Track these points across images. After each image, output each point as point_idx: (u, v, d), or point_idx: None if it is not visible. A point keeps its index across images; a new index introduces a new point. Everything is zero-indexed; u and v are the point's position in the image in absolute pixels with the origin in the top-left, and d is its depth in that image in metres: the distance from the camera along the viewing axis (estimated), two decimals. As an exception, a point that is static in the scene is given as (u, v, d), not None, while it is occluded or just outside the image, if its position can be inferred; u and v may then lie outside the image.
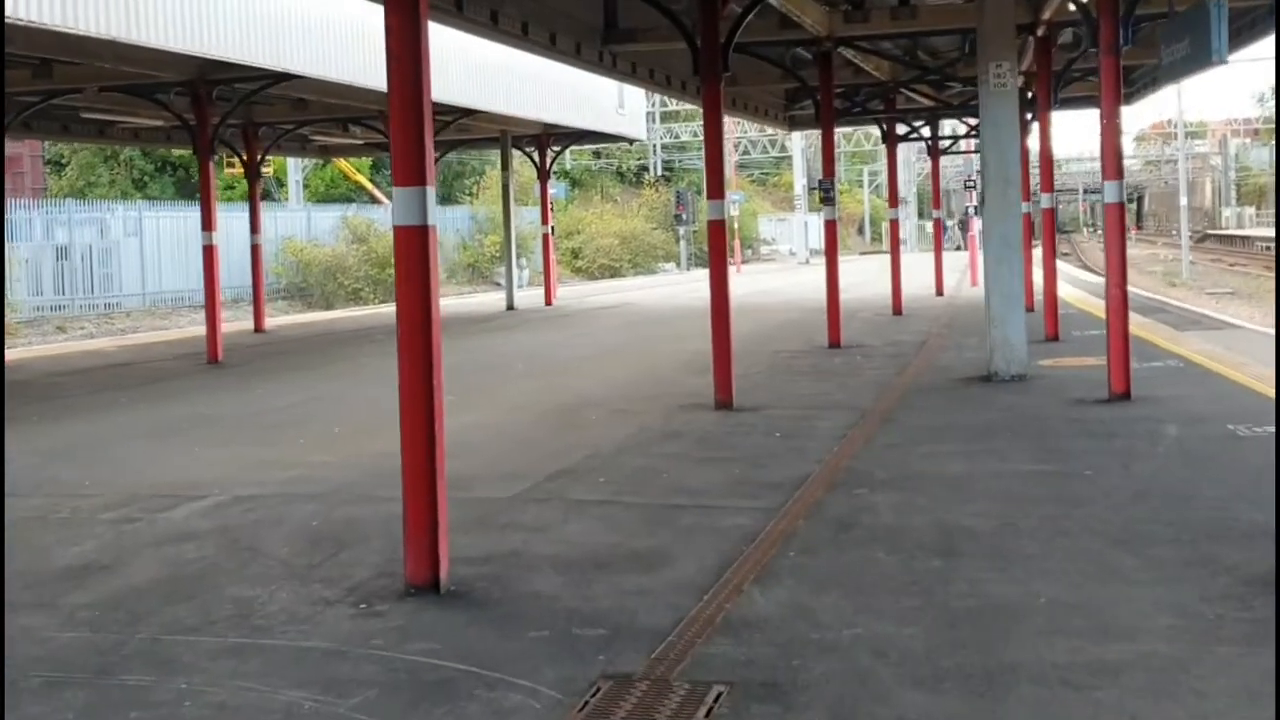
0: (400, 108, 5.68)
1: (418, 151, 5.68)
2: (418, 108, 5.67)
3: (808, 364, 14.94)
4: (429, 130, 5.73)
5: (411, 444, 5.79)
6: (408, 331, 5.75)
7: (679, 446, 9.52)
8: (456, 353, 17.94)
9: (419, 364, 5.76)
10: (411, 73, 5.66)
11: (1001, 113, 12.83)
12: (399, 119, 5.69)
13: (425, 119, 5.70)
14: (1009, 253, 12.84)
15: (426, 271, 5.72)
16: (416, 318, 5.74)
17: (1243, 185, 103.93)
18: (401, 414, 5.81)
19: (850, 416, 10.70)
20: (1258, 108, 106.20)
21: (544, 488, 8.08)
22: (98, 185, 47.60)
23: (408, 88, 5.68)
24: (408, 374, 5.77)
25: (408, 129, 5.68)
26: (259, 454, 9.70)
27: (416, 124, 5.67)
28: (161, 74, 16.81)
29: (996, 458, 8.66)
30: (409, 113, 5.68)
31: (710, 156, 11.79)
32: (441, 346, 5.86)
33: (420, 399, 5.77)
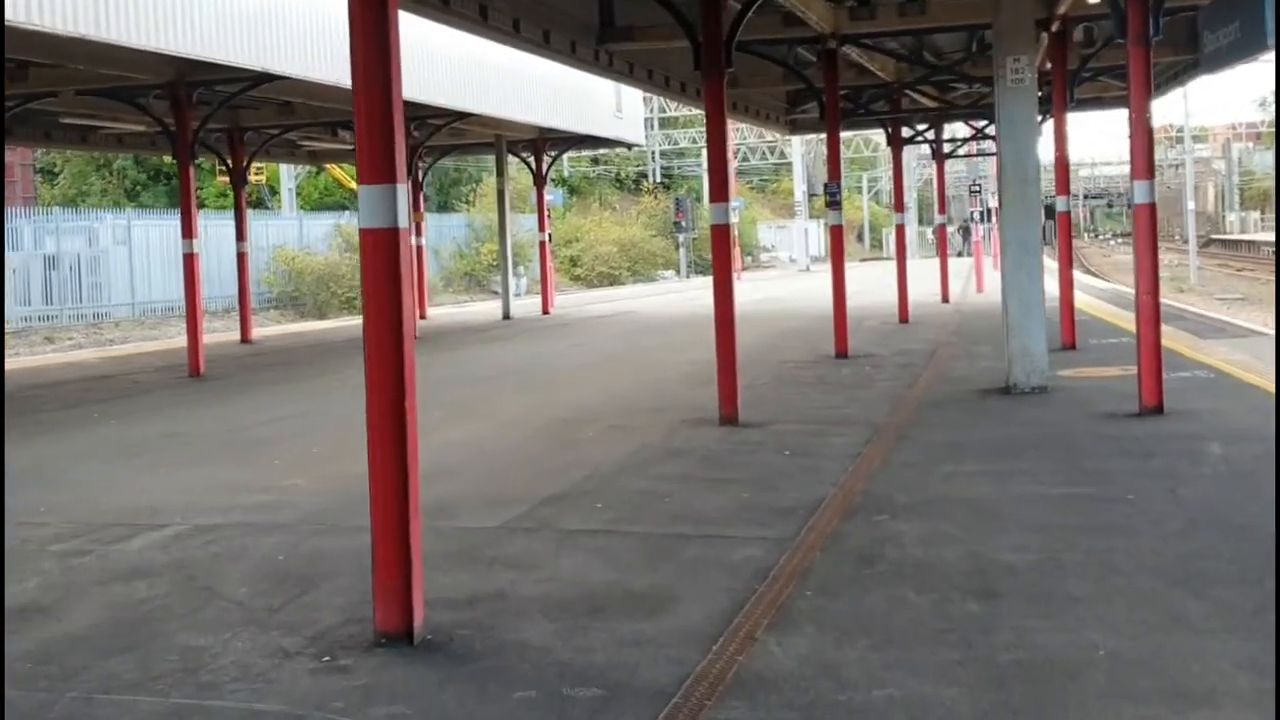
0: (366, 95, 5.02)
1: (385, 144, 5.02)
2: (385, 95, 5.01)
3: (815, 375, 14.27)
4: (399, 121, 5.07)
5: (381, 476, 5.11)
6: (377, 348, 5.08)
7: (682, 466, 8.84)
8: (449, 365, 17.29)
9: (390, 384, 5.08)
10: (378, 57, 5.00)
11: (1019, 110, 12.17)
12: (365, 108, 5.03)
13: (394, 107, 5.04)
14: (1028, 257, 12.18)
15: (398, 280, 5.05)
16: (387, 333, 5.07)
17: (1246, 189, 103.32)
18: (370, 442, 5.13)
19: (863, 432, 10.02)
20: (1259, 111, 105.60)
21: (535, 515, 7.39)
22: (90, 194, 46.93)
23: (374, 73, 5.01)
24: (377, 396, 5.10)
25: (374, 119, 5.02)
26: (229, 476, 9.02)
27: (384, 113, 5.01)
28: (140, 76, 16.15)
29: (1026, 479, 7.98)
30: (376, 101, 5.01)
31: (713, 157, 11.13)
32: (414, 365, 5.18)
33: (391, 425, 5.09)
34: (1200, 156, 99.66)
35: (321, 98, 18.97)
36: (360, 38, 5.01)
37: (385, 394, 5.07)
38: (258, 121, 21.96)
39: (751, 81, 21.35)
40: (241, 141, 22.39)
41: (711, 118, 10.96)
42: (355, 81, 5.03)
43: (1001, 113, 12.21)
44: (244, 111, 21.39)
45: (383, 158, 5.02)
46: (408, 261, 5.11)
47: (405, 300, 5.06)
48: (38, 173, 49.12)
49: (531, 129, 26.66)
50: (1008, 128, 12.17)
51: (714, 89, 10.85)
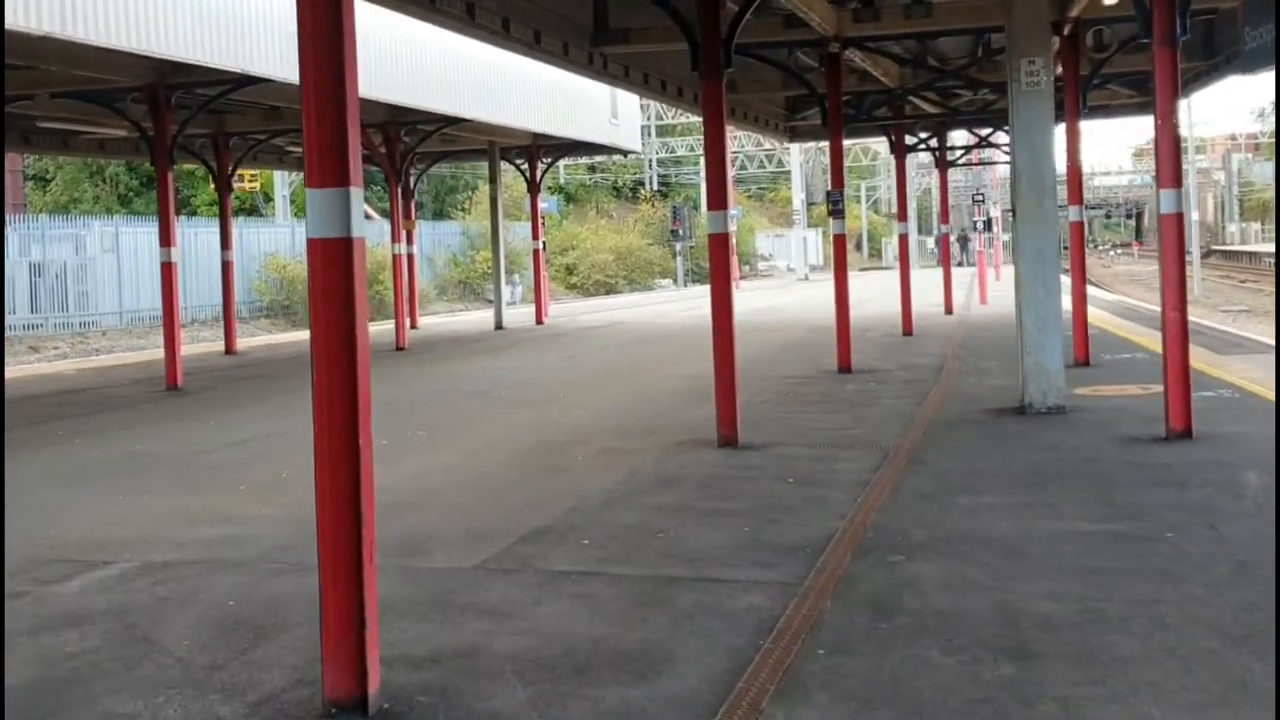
0: (315, 83, 4.38)
1: (337, 142, 4.37)
2: (336, 84, 4.36)
3: (817, 391, 13.62)
4: (353, 115, 4.43)
5: (331, 524, 4.46)
6: (327, 375, 4.44)
7: (677, 496, 8.19)
8: (435, 378, 16.64)
9: (341, 418, 4.44)
10: (329, 39, 4.36)
11: (1035, 115, 11.54)
12: (314, 99, 4.39)
13: (347, 99, 4.39)
14: (1044, 269, 11.54)
15: (351, 297, 4.41)
16: (338, 356, 4.42)
17: (1245, 200, 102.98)
18: (318, 482, 4.48)
19: (872, 457, 9.38)
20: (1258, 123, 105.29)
21: (516, 553, 6.74)
22: (82, 201, 46.23)
23: (324, 58, 4.37)
24: (326, 431, 4.45)
25: (324, 112, 4.38)
26: (189, 504, 8.36)
27: (335, 105, 4.37)
28: (117, 79, 15.50)
29: (1052, 513, 7.33)
30: (326, 90, 4.37)
31: (711, 163, 10.48)
32: (370, 394, 4.53)
33: (343, 463, 4.44)
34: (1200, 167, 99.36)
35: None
36: (309, 15, 4.37)
37: (336, 428, 4.42)
38: (243, 127, 21.32)
39: (750, 87, 20.77)
40: (227, 147, 21.73)
41: (710, 121, 10.32)
42: (303, 67, 4.39)
43: (1016, 118, 11.57)
44: (229, 116, 20.78)
45: (334, 158, 4.37)
46: (362, 276, 4.46)
47: (359, 320, 4.41)
48: (30, 180, 48.44)
49: (525, 135, 26.04)
50: (1023, 134, 11.53)
51: (712, 91, 10.21)
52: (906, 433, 10.55)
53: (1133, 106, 25.94)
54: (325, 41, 4.36)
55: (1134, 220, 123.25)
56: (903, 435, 10.41)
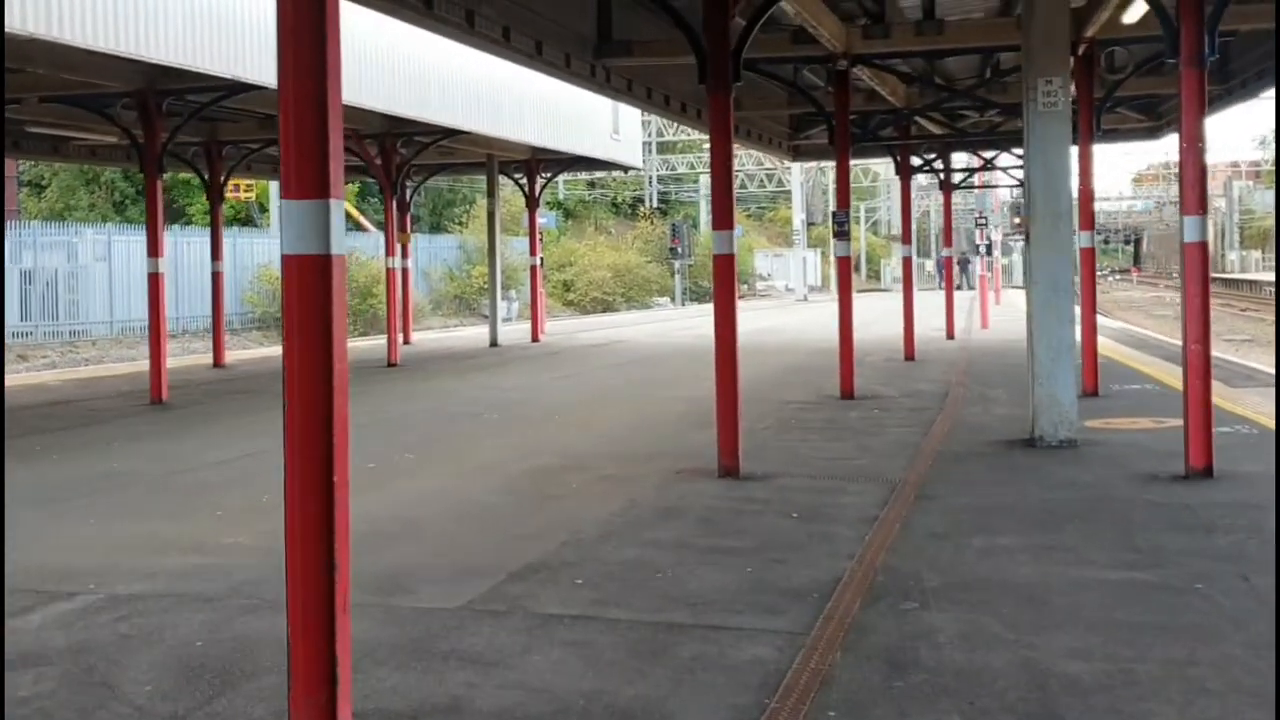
0: (295, 90, 3.98)
1: (318, 152, 3.98)
2: (319, 92, 3.97)
3: (820, 418, 13.21)
4: (336, 125, 4.03)
5: (301, 566, 4.05)
6: (300, 403, 4.03)
7: (677, 530, 7.78)
8: (426, 396, 16.23)
9: (314, 448, 4.03)
10: (311, 34, 3.96)
11: (1051, 137, 11.15)
12: (294, 108, 3.99)
13: (330, 108, 4.00)
14: (1058, 296, 11.14)
15: (329, 319, 4.01)
16: (313, 384, 4.02)
17: (1246, 228, 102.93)
18: (287, 520, 4.07)
19: (879, 491, 8.98)
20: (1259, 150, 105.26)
21: (504, 591, 6.33)
22: (77, 208, 45.83)
23: (305, 63, 3.98)
24: (297, 463, 4.04)
25: (305, 121, 3.98)
26: (162, 530, 7.94)
27: (317, 114, 3.98)
28: (107, 83, 15.12)
29: (1073, 558, 6.92)
30: (307, 99, 3.98)
31: (717, 179, 10.07)
32: (348, 425, 4.13)
33: (314, 499, 4.04)
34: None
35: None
36: (289, 8, 3.98)
37: (309, 464, 4.02)
38: (237, 135, 20.93)
39: (755, 105, 20.45)
40: (220, 155, 21.34)
41: (716, 136, 9.93)
42: (281, 66, 3.99)
43: (1032, 138, 11.19)
44: (222, 124, 20.39)
45: (313, 166, 3.98)
46: (342, 296, 4.06)
47: (337, 346, 4.02)
48: (25, 186, 48.04)
49: (524, 149, 25.66)
50: (1038, 155, 11.15)
51: (719, 105, 9.83)
52: (913, 464, 10.16)
53: (1142, 131, 25.64)
54: (306, 38, 3.97)
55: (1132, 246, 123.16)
56: (910, 467, 10.02)
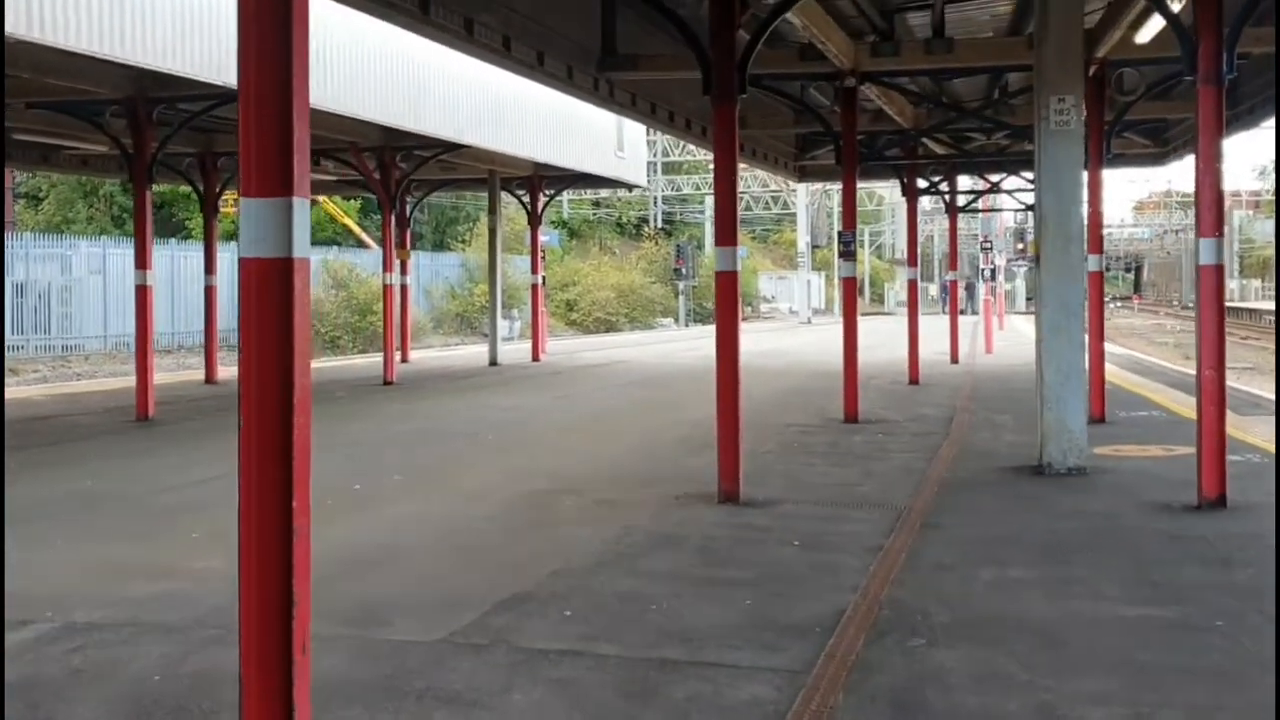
0: (257, 77, 3.66)
1: (280, 144, 3.65)
2: (283, 78, 3.64)
3: (823, 442, 12.86)
4: (301, 115, 3.70)
5: (257, 605, 3.71)
6: (256, 424, 3.69)
7: (674, 560, 7.42)
8: (420, 416, 15.87)
9: (271, 474, 3.69)
10: (275, 24, 3.64)
11: (1064, 157, 10.82)
12: (255, 96, 3.67)
13: (295, 96, 3.67)
14: (1069, 321, 10.80)
15: (290, 331, 3.67)
16: (271, 403, 3.69)
17: (1246, 257, 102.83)
18: (241, 554, 3.72)
19: (884, 519, 8.62)
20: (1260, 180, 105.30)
21: (488, 624, 5.97)
22: (75, 221, 45.57)
23: (269, 46, 3.65)
24: (252, 491, 3.71)
25: (267, 110, 3.66)
26: (130, 554, 7.59)
27: (280, 102, 3.65)
28: (95, 89, 14.80)
29: (1087, 592, 6.57)
30: (270, 86, 3.65)
31: (721, 196, 9.75)
32: (309, 447, 3.78)
33: (271, 531, 3.69)
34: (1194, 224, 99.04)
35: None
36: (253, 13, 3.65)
37: (265, 492, 3.68)
38: (233, 146, 20.57)
39: (760, 123, 20.15)
40: (215, 167, 21.02)
41: (720, 150, 9.61)
42: (242, 49, 3.68)
43: (1043, 159, 10.86)
44: (218, 135, 20.08)
45: (275, 160, 3.65)
46: (305, 306, 3.72)
47: (298, 360, 3.68)
48: (21, 198, 47.78)
49: (527, 165, 25.33)
50: (1050, 176, 10.83)
51: (724, 118, 9.50)
52: (919, 492, 9.80)
53: (1148, 156, 25.33)
54: (270, 18, 3.64)
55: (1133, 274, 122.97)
56: (915, 494, 9.66)
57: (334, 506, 9.21)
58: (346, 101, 17.24)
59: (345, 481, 10.31)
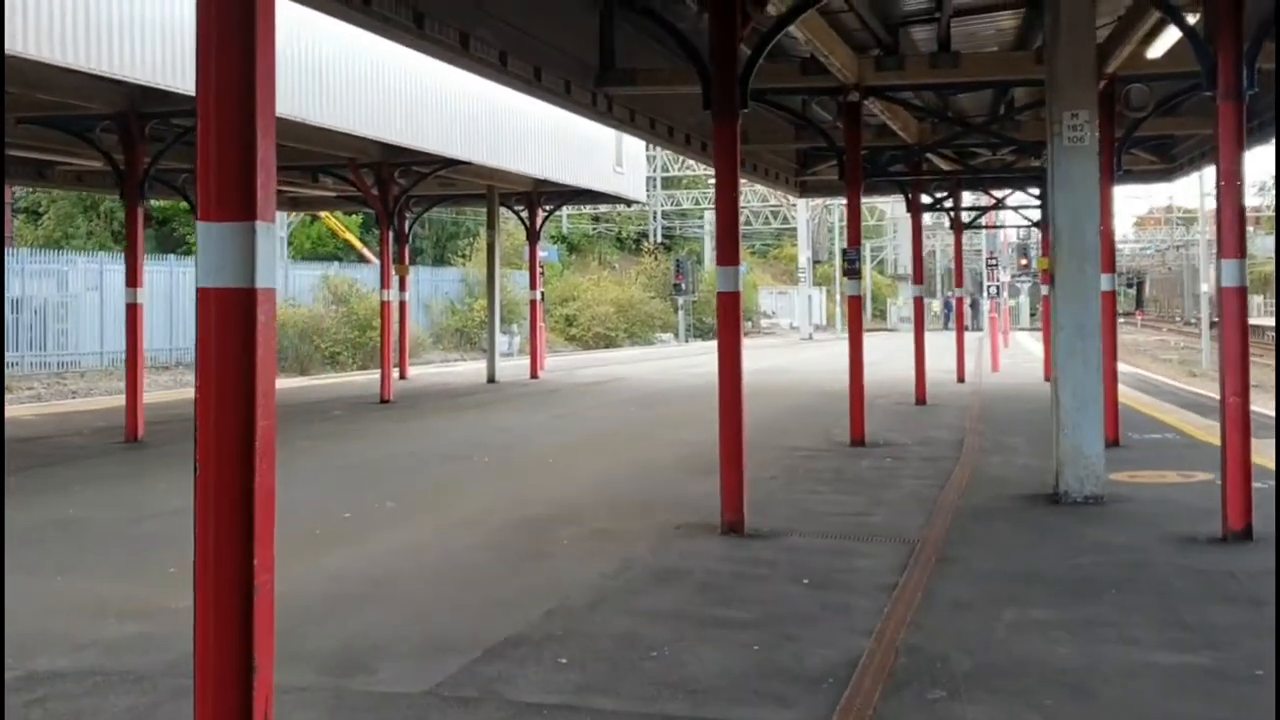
0: (217, 87, 3.30)
1: (243, 162, 3.29)
2: (246, 89, 3.29)
3: (830, 467, 12.49)
4: (266, 130, 3.35)
5: (216, 662, 3.34)
6: (217, 466, 3.33)
7: (675, 598, 7.04)
8: (415, 436, 15.51)
9: (230, 530, 3.33)
10: (238, 27, 3.28)
11: (1077, 173, 10.46)
12: (215, 109, 3.31)
13: (259, 109, 3.31)
14: (1085, 344, 10.43)
15: (252, 367, 3.31)
16: (232, 444, 3.32)
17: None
18: (197, 605, 3.36)
19: (897, 552, 8.25)
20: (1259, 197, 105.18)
21: (478, 673, 5.59)
22: (75, 237, 45.22)
23: (230, 53, 3.29)
24: (209, 548, 3.33)
25: (228, 124, 3.30)
26: (105, 590, 7.22)
27: (243, 116, 3.29)
28: (87, 105, 14.48)
29: (1115, 635, 6.19)
30: (231, 97, 3.29)
31: (723, 212, 9.39)
32: (273, 497, 3.42)
33: (230, 584, 3.33)
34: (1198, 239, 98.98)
35: (293, 137, 17.30)
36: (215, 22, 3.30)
37: (225, 543, 3.31)
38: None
39: (761, 138, 19.80)
40: (209, 183, 20.65)
41: (721, 167, 9.26)
42: (200, 57, 3.31)
43: (1056, 176, 10.50)
44: (211, 151, 19.73)
45: (236, 180, 3.29)
46: (269, 339, 3.36)
47: (261, 401, 3.32)
48: (21, 213, 47.44)
49: (526, 181, 25.00)
50: (1064, 193, 10.46)
51: (725, 134, 9.15)
52: (932, 522, 9.43)
53: (1155, 173, 25.03)
54: (232, 21, 3.29)
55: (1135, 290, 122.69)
56: (928, 525, 9.29)
57: (323, 536, 8.87)
58: (344, 118, 16.92)
59: (336, 507, 9.97)
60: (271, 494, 3.39)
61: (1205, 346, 49.33)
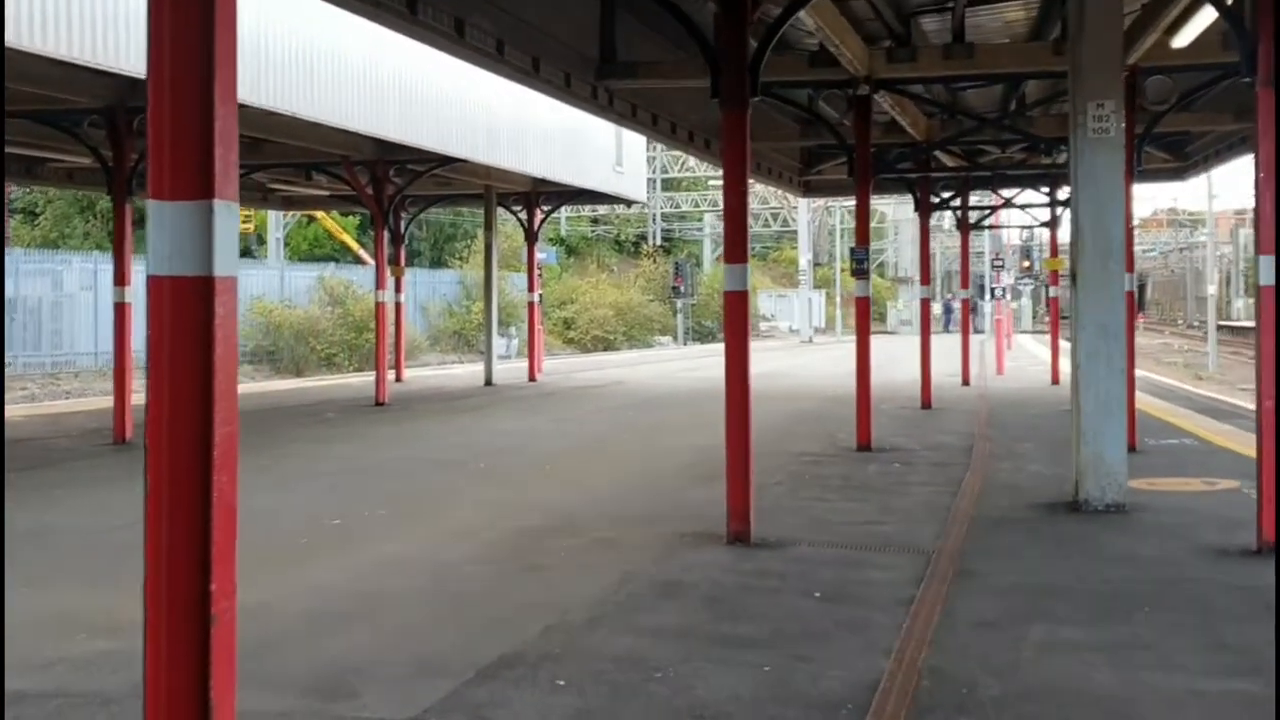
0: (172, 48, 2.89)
1: (199, 132, 2.88)
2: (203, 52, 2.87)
3: (837, 473, 12.08)
4: (226, 96, 2.93)
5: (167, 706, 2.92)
6: (170, 477, 2.92)
7: (679, 614, 6.62)
8: (409, 441, 15.08)
9: (185, 539, 2.92)
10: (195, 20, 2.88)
11: (1102, 167, 10.04)
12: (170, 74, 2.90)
13: (217, 74, 2.90)
14: (1108, 345, 10.02)
15: (209, 365, 2.90)
16: (187, 451, 2.92)
17: (1251, 276, 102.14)
18: (147, 638, 2.94)
19: (912, 564, 7.84)
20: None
21: (468, 697, 5.17)
22: (72, 237, 44.77)
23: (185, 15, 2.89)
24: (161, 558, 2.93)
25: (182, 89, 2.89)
26: (76, 603, 6.81)
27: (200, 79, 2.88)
28: (74, 98, 14.07)
29: (1155, 659, 5.78)
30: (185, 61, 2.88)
31: (731, 209, 8.95)
32: (234, 512, 3.01)
33: (183, 612, 2.91)
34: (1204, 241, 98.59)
35: (285, 133, 16.89)
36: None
37: (178, 565, 2.90)
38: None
39: (765, 136, 19.37)
40: (200, 180, 20.21)
41: (730, 161, 8.84)
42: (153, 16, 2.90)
43: (1080, 169, 10.09)
44: (204, 146, 19.30)
45: (192, 150, 2.88)
46: (229, 333, 2.95)
47: (221, 402, 2.90)
48: (17, 213, 46.96)
49: (524, 180, 24.58)
50: (1088, 187, 10.05)
51: (734, 124, 8.74)
52: (947, 531, 9.02)
53: (1168, 171, 24.66)
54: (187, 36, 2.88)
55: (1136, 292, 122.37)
56: (943, 534, 8.88)
57: (309, 545, 8.48)
58: (335, 112, 16.47)
59: (325, 514, 9.57)
60: (232, 510, 2.99)
61: (1212, 350, 48.96)
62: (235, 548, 3.02)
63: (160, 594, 2.91)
